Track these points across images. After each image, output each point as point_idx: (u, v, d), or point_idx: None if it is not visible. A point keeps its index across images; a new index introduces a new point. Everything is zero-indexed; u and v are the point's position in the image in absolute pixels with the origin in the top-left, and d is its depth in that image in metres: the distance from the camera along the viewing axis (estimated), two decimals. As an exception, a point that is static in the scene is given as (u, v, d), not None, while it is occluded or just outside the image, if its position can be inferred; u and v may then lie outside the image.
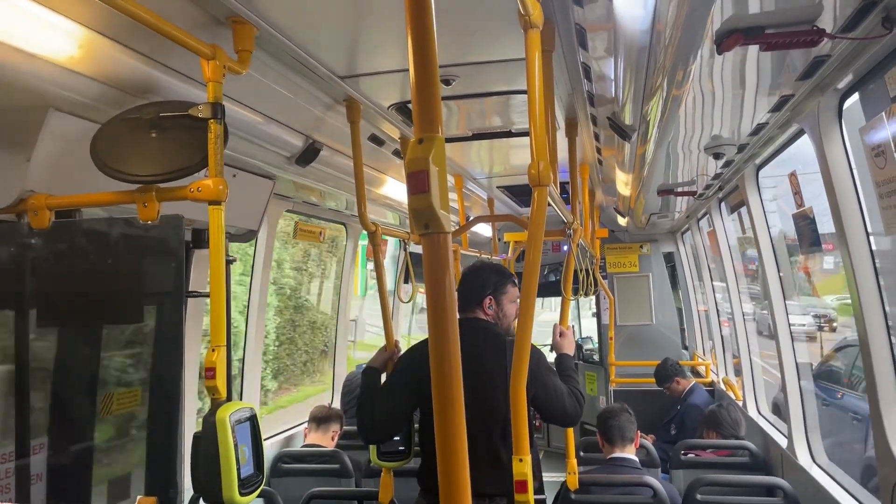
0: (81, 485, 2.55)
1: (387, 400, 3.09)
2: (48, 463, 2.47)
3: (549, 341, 3.58)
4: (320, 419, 4.96)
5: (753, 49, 2.15)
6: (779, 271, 4.67)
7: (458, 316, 3.25)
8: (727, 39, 2.02)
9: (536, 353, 3.02)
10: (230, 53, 2.21)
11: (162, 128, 2.17)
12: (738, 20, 1.98)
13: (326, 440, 4.92)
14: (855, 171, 2.88)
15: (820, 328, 15.09)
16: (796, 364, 4.53)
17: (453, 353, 1.15)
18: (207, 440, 2.02)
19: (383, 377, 3.29)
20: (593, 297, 9.41)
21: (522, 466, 1.93)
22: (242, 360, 4.55)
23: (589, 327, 12.51)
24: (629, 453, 4.14)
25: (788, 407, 4.42)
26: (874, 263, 2.85)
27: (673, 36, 1.99)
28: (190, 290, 3.11)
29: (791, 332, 4.58)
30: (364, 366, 3.43)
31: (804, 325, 14.37)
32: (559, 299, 3.96)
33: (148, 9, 1.87)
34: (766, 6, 1.93)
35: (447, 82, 2.96)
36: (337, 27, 2.42)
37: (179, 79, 2.36)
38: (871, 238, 2.86)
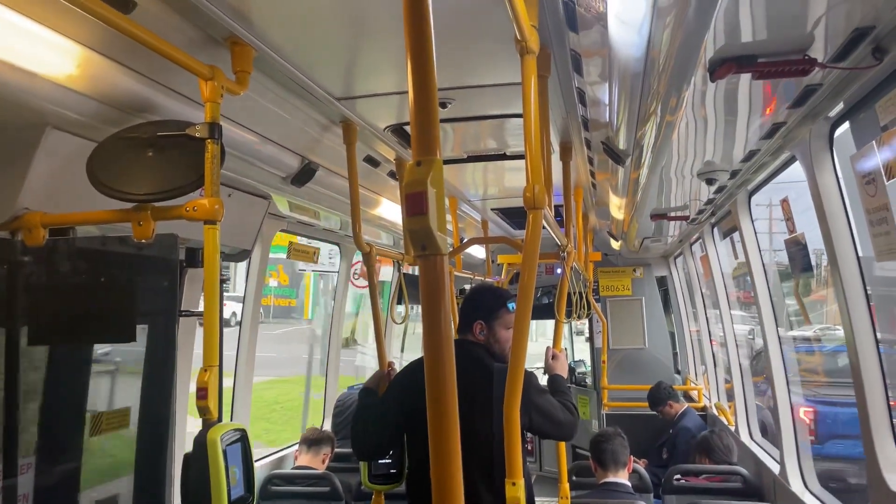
0: (68, 505, 2.52)
1: (379, 417, 3.09)
2: (35, 483, 2.45)
3: (542, 364, 3.57)
4: (312, 441, 4.92)
5: (746, 76, 2.18)
6: (771, 297, 4.69)
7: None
8: (720, 68, 2.05)
9: (526, 377, 3.00)
10: (228, 74, 2.23)
11: (159, 147, 2.18)
12: (730, 49, 2.01)
13: (317, 462, 4.87)
14: (846, 198, 2.90)
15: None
16: (788, 390, 4.53)
17: (448, 375, 1.15)
18: (198, 461, 2.00)
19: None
20: (585, 322, 9.42)
21: (515, 490, 1.92)
22: (234, 380, 4.52)
23: (582, 350, 12.51)
24: (622, 478, 4.12)
25: (781, 433, 4.42)
26: (865, 290, 2.86)
27: (667, 63, 2.02)
28: (182, 309, 3.10)
29: (783, 358, 4.59)
30: (356, 386, 3.42)
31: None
32: (552, 323, 3.95)
33: (148, 29, 1.88)
34: (758, 35, 1.96)
35: (444, 105, 2.99)
36: (335, 49, 2.44)
37: (177, 98, 2.37)
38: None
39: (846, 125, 2.71)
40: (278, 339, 19.60)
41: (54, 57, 1.95)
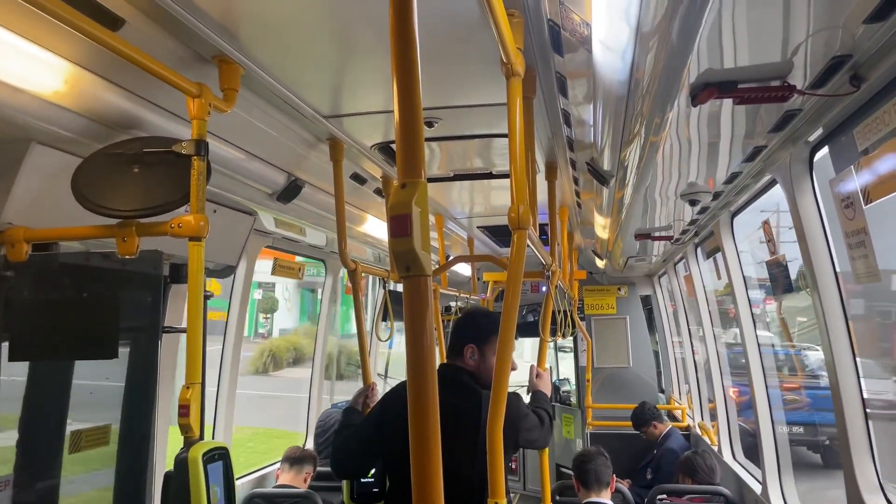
0: (46, 524, 2.49)
1: (361, 437, 3.06)
2: (13, 500, 2.41)
3: (526, 382, 3.58)
4: (293, 460, 4.87)
5: (728, 101, 2.22)
6: (752, 315, 4.73)
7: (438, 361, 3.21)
8: (702, 93, 2.08)
9: (515, 401, 2.98)
10: (216, 91, 2.23)
11: (144, 163, 2.18)
12: (712, 74, 2.05)
13: (299, 481, 4.83)
14: (825, 221, 2.95)
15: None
16: (770, 408, 4.56)
17: (431, 395, 1.15)
18: (179, 479, 1.99)
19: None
20: (569, 343, 9.43)
21: (497, 511, 1.92)
22: (216, 397, 4.48)
23: (566, 369, 12.50)
24: (605, 498, 4.12)
25: (762, 452, 4.44)
26: (845, 311, 2.90)
27: (650, 86, 2.05)
28: (165, 325, 3.08)
29: (765, 376, 4.62)
30: (339, 405, 3.41)
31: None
32: (530, 345, 3.96)
33: (135, 46, 1.89)
34: (739, 61, 2.00)
35: (430, 124, 3.01)
36: (322, 68, 2.46)
37: (164, 115, 2.37)
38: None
39: (825, 149, 2.76)
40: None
41: (41, 73, 1.94)
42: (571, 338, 9.16)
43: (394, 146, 3.34)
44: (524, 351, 15.98)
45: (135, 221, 2.15)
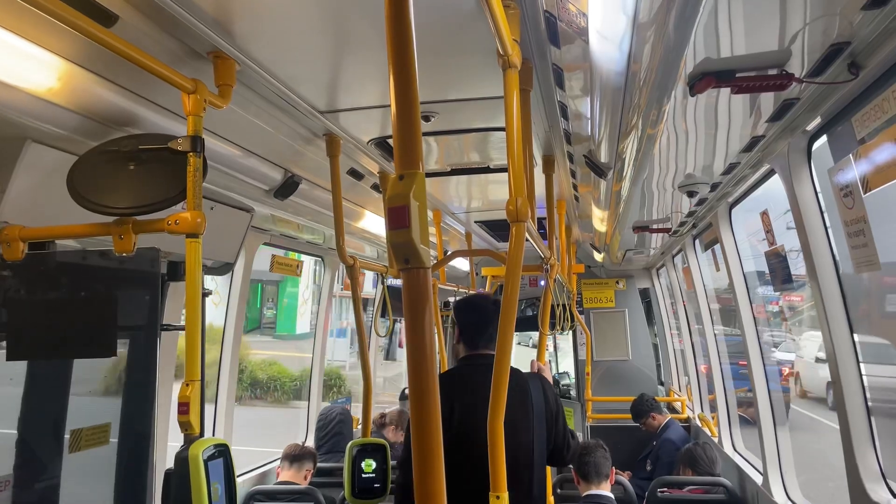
0: (47, 523, 2.49)
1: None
2: (13, 500, 2.41)
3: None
4: (293, 457, 4.87)
5: (725, 91, 2.21)
6: (752, 306, 4.73)
7: (470, 352, 3.18)
8: (699, 82, 2.07)
9: (552, 388, 3.13)
10: (211, 87, 2.22)
11: (140, 160, 2.16)
12: (710, 64, 2.04)
13: (299, 478, 4.83)
14: (825, 210, 2.94)
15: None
16: (770, 400, 4.56)
17: (432, 390, 1.15)
18: (179, 477, 1.98)
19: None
20: (568, 337, 9.44)
21: (500, 504, 1.92)
22: (216, 394, 4.48)
23: (565, 362, 12.50)
24: (605, 490, 4.12)
25: (763, 443, 4.44)
26: (844, 301, 2.90)
27: (648, 77, 2.04)
28: (163, 323, 3.07)
29: (765, 367, 4.63)
30: (340, 401, 3.40)
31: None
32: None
33: (130, 43, 1.87)
34: (737, 50, 1.99)
35: (427, 118, 3.00)
36: (318, 63, 2.45)
37: (159, 111, 2.36)
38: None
39: (824, 138, 2.75)
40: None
41: (35, 70, 1.93)
42: (570, 333, 9.17)
43: (390, 141, 3.33)
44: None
45: (131, 219, 2.14)
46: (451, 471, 2.68)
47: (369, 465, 3.23)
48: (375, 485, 3.30)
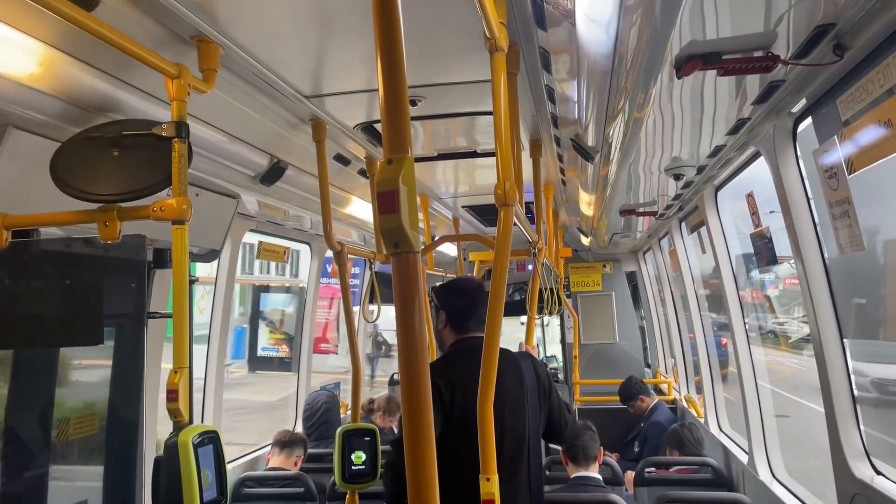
0: (36, 512, 2.48)
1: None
2: (1, 489, 2.40)
3: None
4: (284, 443, 4.88)
5: (711, 73, 2.22)
6: (737, 289, 4.77)
7: (461, 336, 3.20)
8: (686, 64, 2.07)
9: (544, 366, 3.20)
10: (195, 72, 2.20)
11: (124, 146, 2.14)
12: (696, 46, 2.04)
13: (290, 464, 4.84)
14: (809, 192, 2.96)
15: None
16: (755, 380, 4.61)
17: (423, 374, 1.15)
18: (169, 464, 1.98)
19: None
20: (556, 321, 9.49)
21: (490, 486, 1.93)
22: (205, 381, 4.47)
23: (553, 347, 12.57)
24: (593, 472, 4.16)
25: (748, 423, 4.50)
26: (829, 282, 2.92)
27: (634, 60, 2.04)
28: (150, 310, 3.06)
29: (750, 349, 4.67)
30: (327, 387, 3.40)
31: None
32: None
33: (111, 27, 1.85)
34: (723, 32, 1.99)
35: (413, 103, 2.98)
36: (303, 47, 2.43)
37: (142, 97, 2.34)
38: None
39: (809, 120, 2.77)
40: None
41: (14, 55, 1.90)
42: (558, 317, 9.21)
43: (377, 126, 3.31)
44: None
45: (116, 206, 2.12)
46: (455, 453, 2.72)
47: (359, 450, 3.24)
48: (365, 470, 3.31)
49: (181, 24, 2.07)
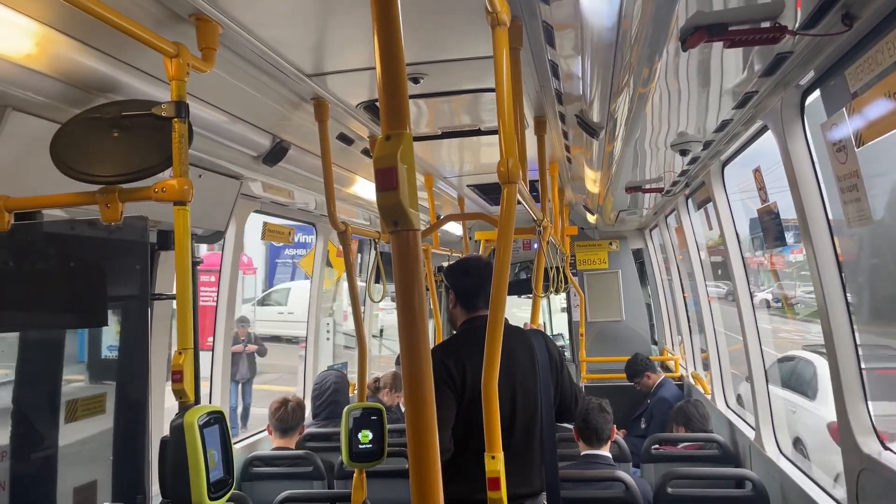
0: (46, 492, 2.50)
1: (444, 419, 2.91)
2: (11, 471, 2.41)
3: None
4: (283, 430, 4.87)
5: (717, 46, 2.18)
6: (744, 265, 4.74)
7: (472, 314, 3.21)
8: (692, 36, 2.04)
9: (555, 344, 3.26)
10: (194, 51, 2.18)
11: (124, 127, 2.13)
12: (702, 17, 2.00)
13: (292, 444, 4.86)
14: (817, 166, 2.93)
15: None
16: (762, 357, 4.60)
17: (424, 353, 1.14)
18: (175, 444, 1.98)
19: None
20: (563, 295, 9.47)
21: (495, 464, 1.93)
22: (211, 362, 4.49)
23: (560, 324, 12.57)
24: (604, 451, 4.18)
25: (755, 400, 4.50)
26: (837, 257, 2.90)
27: (639, 33, 2.00)
28: (155, 292, 3.06)
29: (757, 326, 4.66)
30: (336, 366, 3.40)
31: None
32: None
33: (109, 6, 1.82)
34: (729, 3, 1.95)
35: (416, 80, 2.95)
36: (303, 25, 2.40)
37: (142, 77, 2.32)
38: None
39: (817, 93, 2.72)
40: None
41: (13, 36, 1.88)
42: (564, 296, 9.20)
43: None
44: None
45: (117, 187, 2.11)
46: (470, 432, 2.71)
47: (365, 429, 3.25)
48: (372, 449, 3.32)
49: (179, 2, 2.05)
